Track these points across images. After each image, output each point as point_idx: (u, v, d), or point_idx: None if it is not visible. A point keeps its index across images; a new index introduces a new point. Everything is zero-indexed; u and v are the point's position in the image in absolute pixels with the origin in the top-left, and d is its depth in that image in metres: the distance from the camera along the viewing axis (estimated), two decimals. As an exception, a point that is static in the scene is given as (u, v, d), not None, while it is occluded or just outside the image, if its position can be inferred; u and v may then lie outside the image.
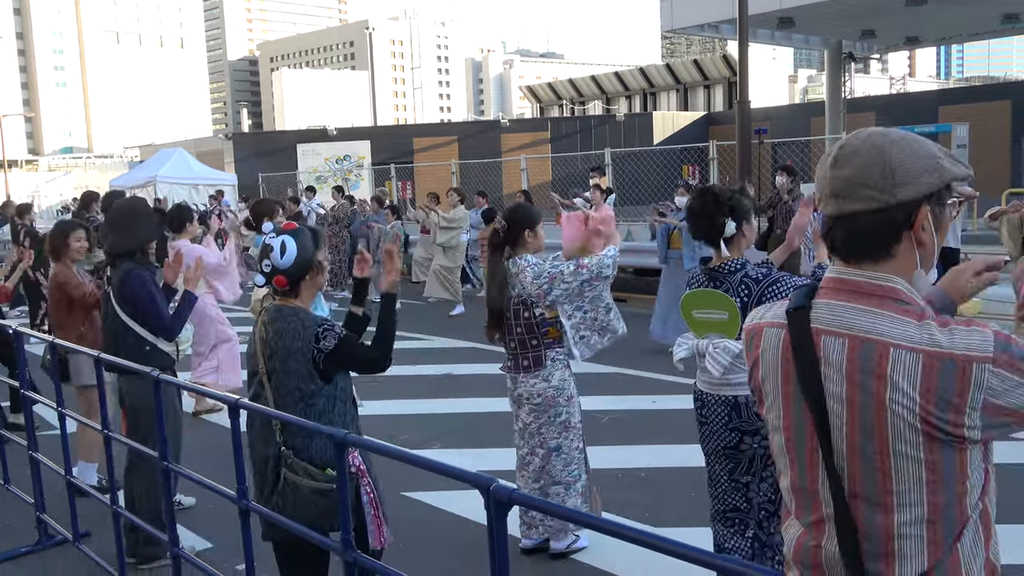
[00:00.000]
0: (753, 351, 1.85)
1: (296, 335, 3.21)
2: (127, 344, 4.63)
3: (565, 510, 3.71)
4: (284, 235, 3.28)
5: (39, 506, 5.02)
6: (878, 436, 1.61)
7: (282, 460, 3.18)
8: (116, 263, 4.73)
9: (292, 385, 3.22)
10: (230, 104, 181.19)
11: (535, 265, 4.53)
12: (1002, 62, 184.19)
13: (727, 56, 48.31)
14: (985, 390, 1.56)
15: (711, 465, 3.74)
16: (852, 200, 1.67)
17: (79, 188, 43.17)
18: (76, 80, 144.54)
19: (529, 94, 61.57)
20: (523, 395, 4.68)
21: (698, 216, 3.74)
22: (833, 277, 1.74)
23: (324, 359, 3.20)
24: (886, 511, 1.63)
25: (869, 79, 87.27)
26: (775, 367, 1.78)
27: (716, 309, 3.61)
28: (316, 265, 3.34)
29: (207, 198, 23.24)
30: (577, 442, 4.69)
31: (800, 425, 1.74)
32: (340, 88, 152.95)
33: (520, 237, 4.62)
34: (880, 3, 21.23)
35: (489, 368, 9.60)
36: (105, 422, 4.16)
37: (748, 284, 3.58)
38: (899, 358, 1.59)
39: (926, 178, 1.66)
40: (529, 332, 4.60)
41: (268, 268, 3.26)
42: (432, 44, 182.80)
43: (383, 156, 28.71)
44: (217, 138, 54.39)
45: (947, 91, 54.84)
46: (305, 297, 3.37)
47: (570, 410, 4.65)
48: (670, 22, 25.02)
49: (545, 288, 4.46)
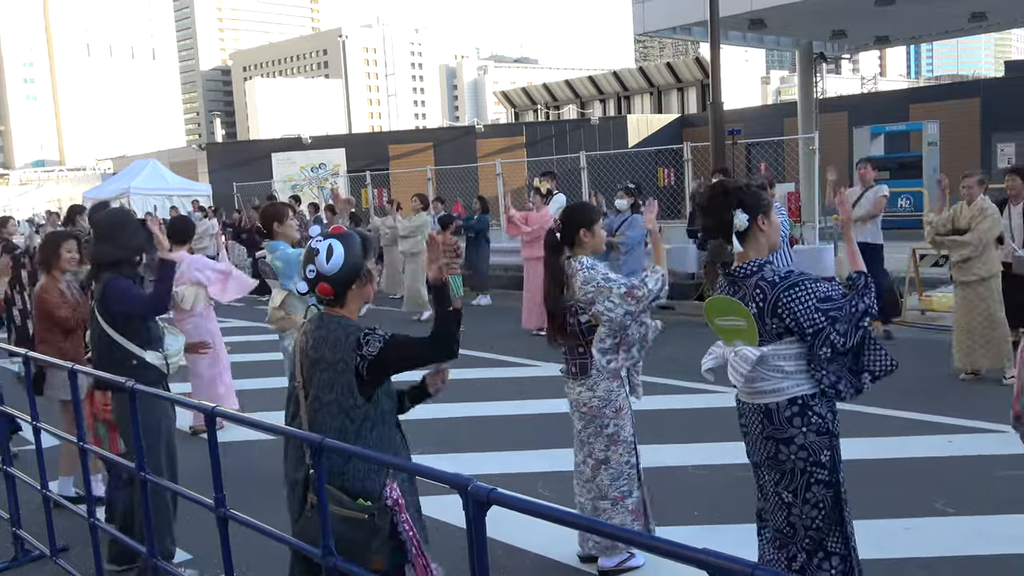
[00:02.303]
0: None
1: (337, 344, 3.00)
2: (113, 359, 4.49)
3: (553, 511, 3.70)
4: (332, 239, 3.03)
5: (15, 521, 4.96)
6: None
7: (309, 483, 2.95)
8: (99, 274, 4.60)
9: (329, 399, 2.99)
10: (203, 114, 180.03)
11: (588, 269, 4.35)
12: (971, 60, 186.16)
13: (700, 59, 48.50)
14: None
15: (760, 476, 3.55)
16: None
17: (52, 201, 42.83)
18: (47, 92, 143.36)
19: (504, 99, 61.57)
20: (573, 402, 4.58)
21: (705, 212, 3.51)
22: None
23: (369, 367, 2.97)
24: None
25: (841, 79, 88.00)
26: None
27: (734, 316, 3.42)
28: (365, 274, 3.11)
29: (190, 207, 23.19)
30: (627, 456, 4.52)
31: None
32: (314, 96, 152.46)
33: (576, 237, 4.46)
34: (850, 3, 21.39)
35: (464, 373, 9.58)
36: (81, 434, 4.12)
37: (763, 288, 3.33)
38: None
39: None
40: (575, 338, 4.46)
41: (312, 274, 3.01)
42: (406, 51, 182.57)
43: (358, 163, 28.60)
44: (191, 148, 54.07)
45: (917, 89, 55.29)
46: (351, 308, 3.12)
47: (619, 423, 4.49)
48: (642, 25, 25.09)
49: (590, 297, 4.31)
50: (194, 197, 25.31)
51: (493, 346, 10.44)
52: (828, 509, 3.41)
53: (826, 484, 3.39)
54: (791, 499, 3.41)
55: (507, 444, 6.85)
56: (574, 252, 4.47)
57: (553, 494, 5.52)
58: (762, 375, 3.36)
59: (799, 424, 3.35)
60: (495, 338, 11.03)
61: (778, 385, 3.37)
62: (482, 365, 9.75)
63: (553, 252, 4.47)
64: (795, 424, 3.35)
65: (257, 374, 9.21)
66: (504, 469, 6.15)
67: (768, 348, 3.36)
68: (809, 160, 17.28)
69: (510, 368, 9.59)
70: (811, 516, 3.40)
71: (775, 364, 3.36)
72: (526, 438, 6.91)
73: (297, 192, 24.72)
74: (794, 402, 3.36)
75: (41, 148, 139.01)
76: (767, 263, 3.41)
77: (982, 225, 7.92)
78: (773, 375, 3.37)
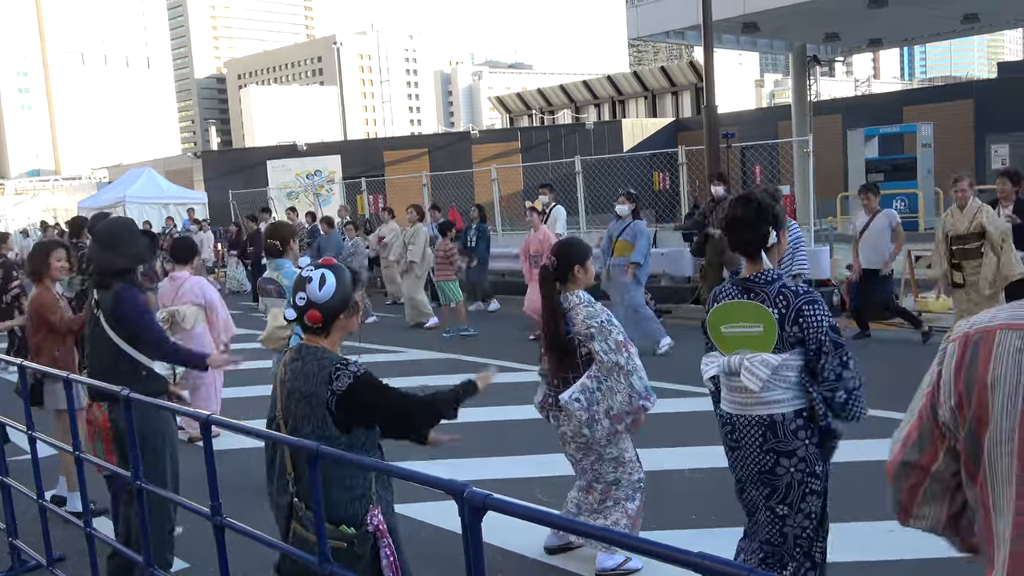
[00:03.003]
0: (979, 353, 1.57)
1: (310, 376, 3.01)
2: (122, 370, 4.42)
3: (549, 516, 3.70)
4: (324, 268, 3.10)
5: (11, 531, 4.95)
6: None
7: (293, 512, 3.01)
8: (104, 284, 4.55)
9: (307, 431, 2.98)
10: (198, 122, 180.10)
11: (589, 305, 4.46)
12: (964, 62, 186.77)
13: (694, 63, 48.65)
14: None
15: (747, 492, 3.56)
16: None
17: (47, 211, 42.79)
18: (41, 102, 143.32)
19: (499, 105, 61.68)
20: (567, 433, 4.61)
21: (741, 226, 3.52)
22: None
23: (336, 402, 2.95)
24: None
25: (835, 82, 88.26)
26: (1015, 373, 1.51)
27: (750, 322, 3.43)
28: (352, 305, 3.16)
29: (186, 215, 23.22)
30: (636, 474, 4.63)
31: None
32: (309, 103, 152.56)
33: (571, 273, 4.53)
34: (842, 6, 21.45)
35: (461, 378, 9.60)
36: (76, 444, 4.11)
37: (786, 295, 3.39)
38: None
39: None
40: (574, 371, 4.51)
41: (303, 301, 3.05)
42: (400, 57, 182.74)
43: (354, 170, 28.63)
44: (186, 156, 54.00)
45: (911, 91, 55.49)
46: (334, 338, 3.15)
47: (620, 447, 4.58)
48: (636, 30, 25.13)
49: (592, 332, 4.37)
50: (190, 205, 25.28)
51: (489, 350, 10.45)
52: (818, 519, 3.49)
53: (818, 494, 3.46)
54: (785, 511, 3.45)
55: (504, 449, 6.85)
56: (567, 287, 4.55)
57: (550, 499, 5.52)
58: (773, 383, 3.39)
59: (803, 436, 3.40)
60: (492, 343, 11.04)
61: (783, 395, 3.41)
62: (479, 370, 9.75)
63: (549, 286, 4.56)
64: (799, 436, 3.40)
65: (252, 382, 9.20)
66: (501, 475, 6.15)
67: (783, 356, 3.40)
68: (803, 163, 17.31)
69: (509, 374, 9.58)
70: (803, 526, 3.44)
71: (784, 374, 3.40)
72: (523, 443, 6.91)
73: (292, 201, 24.70)
74: (800, 413, 3.41)
75: (36, 157, 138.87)
76: (782, 274, 3.52)
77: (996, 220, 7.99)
78: (781, 384, 3.41)
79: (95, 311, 4.57)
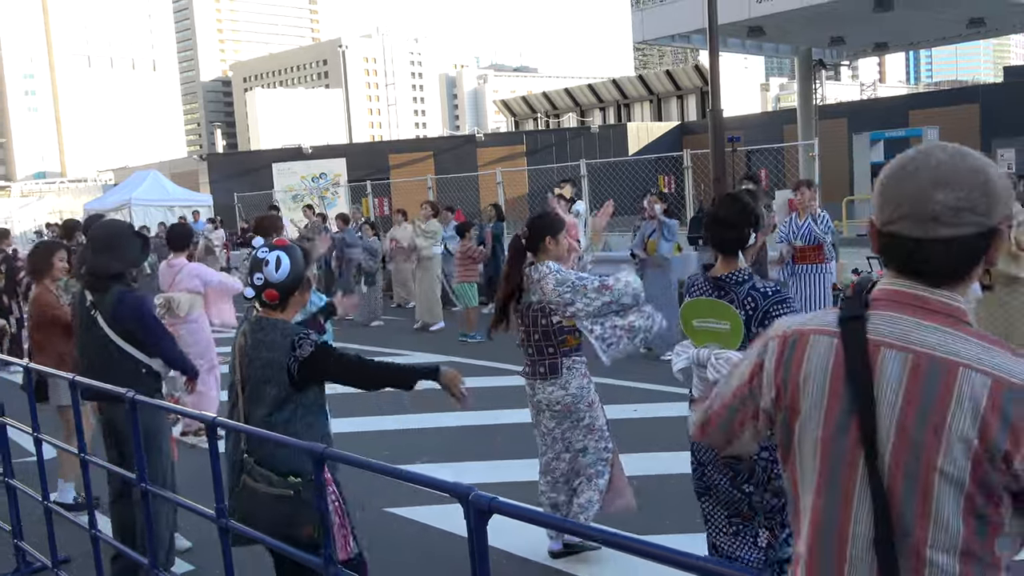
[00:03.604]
0: (795, 355, 1.76)
1: (274, 345, 3.31)
2: (122, 368, 4.47)
3: (556, 520, 3.69)
4: (278, 250, 3.39)
5: (16, 533, 4.95)
6: (927, 455, 1.57)
7: (244, 466, 3.29)
8: (100, 286, 4.58)
9: (264, 393, 3.31)
10: (204, 125, 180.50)
11: (558, 272, 4.53)
12: (970, 66, 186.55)
13: (699, 66, 48.68)
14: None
15: (709, 475, 3.62)
16: (957, 226, 1.60)
17: (53, 213, 42.90)
18: (48, 104, 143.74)
19: (504, 108, 61.77)
20: (542, 401, 4.73)
21: (725, 225, 3.61)
22: (896, 290, 1.69)
23: (299, 367, 3.28)
24: (921, 535, 1.59)
25: (840, 86, 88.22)
26: (822, 376, 1.71)
27: (718, 319, 3.51)
28: (306, 282, 3.47)
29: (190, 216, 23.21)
30: (604, 443, 4.73)
31: (841, 438, 1.68)
32: (314, 106, 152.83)
33: (542, 244, 4.63)
34: (848, 10, 21.46)
35: (471, 382, 9.56)
36: (82, 445, 4.11)
37: (755, 297, 3.48)
38: (967, 379, 1.55)
39: (1008, 201, 1.64)
40: (546, 339, 4.63)
41: (260, 281, 3.35)
42: (405, 61, 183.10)
43: (359, 173, 28.68)
44: (192, 159, 54.18)
45: (917, 95, 55.41)
46: (290, 312, 3.46)
47: (593, 414, 4.70)
48: (641, 33, 25.19)
49: (567, 298, 4.46)
50: (195, 208, 25.34)
51: (496, 354, 10.45)
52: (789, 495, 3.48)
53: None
54: (752, 489, 3.52)
55: (508, 453, 6.84)
56: (538, 258, 4.66)
57: (555, 502, 5.51)
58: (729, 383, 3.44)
59: None
60: (498, 346, 11.03)
61: None
62: (485, 374, 9.76)
63: (518, 255, 4.72)
64: None
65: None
66: (505, 478, 6.15)
67: None
68: (809, 166, 17.30)
69: (514, 377, 9.57)
70: (772, 503, 3.52)
71: None
72: (528, 446, 6.89)
73: (298, 204, 24.74)
74: None
75: (42, 160, 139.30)
76: (753, 274, 3.58)
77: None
78: None
79: (91, 312, 4.59)
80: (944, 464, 1.55)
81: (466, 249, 12.43)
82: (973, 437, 1.53)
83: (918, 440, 1.57)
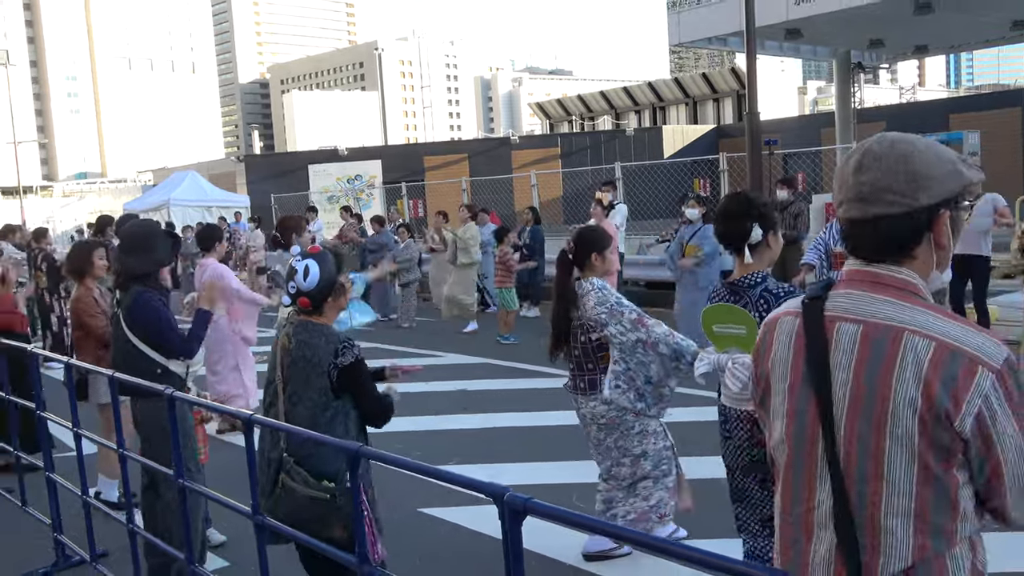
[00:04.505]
0: (767, 340, 1.90)
1: (317, 348, 3.41)
2: (139, 368, 4.52)
3: (590, 520, 3.68)
4: (308, 259, 3.48)
5: (56, 527, 5.03)
6: (876, 418, 1.65)
7: (283, 465, 3.36)
8: (126, 286, 4.66)
9: (305, 395, 3.40)
10: (242, 127, 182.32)
11: (600, 290, 4.51)
12: (1012, 69, 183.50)
13: (736, 69, 48.34)
14: (983, 399, 1.59)
15: (737, 480, 3.62)
16: (877, 204, 1.72)
17: (93, 213, 43.48)
18: (89, 106, 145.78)
19: (539, 111, 61.71)
20: (586, 415, 4.71)
21: (727, 218, 3.66)
22: (853, 269, 1.79)
23: (339, 373, 3.38)
24: (875, 500, 1.66)
25: (878, 89, 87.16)
26: (786, 354, 1.83)
27: (735, 323, 3.52)
28: (339, 287, 3.54)
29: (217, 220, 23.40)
30: (663, 442, 4.68)
31: (803, 412, 1.77)
32: (350, 108, 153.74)
33: (588, 260, 4.61)
34: (888, 12, 21.20)
35: (503, 384, 9.60)
36: (120, 440, 4.16)
37: (767, 298, 3.49)
38: (911, 343, 1.64)
39: (947, 183, 1.72)
40: (585, 355, 4.62)
41: (293, 290, 3.47)
42: (441, 63, 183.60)
43: (394, 175, 28.78)
44: (229, 160, 54.66)
45: (957, 99, 54.66)
46: (328, 316, 3.56)
47: (643, 421, 4.62)
48: (678, 36, 25.05)
49: (603, 319, 4.44)
50: (233, 208, 25.58)
51: (531, 357, 10.43)
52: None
53: None
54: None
55: (541, 454, 6.83)
56: (584, 274, 4.63)
57: (587, 505, 5.49)
58: None
59: None
60: (533, 349, 11.02)
61: None
62: (522, 376, 9.76)
63: (564, 271, 4.67)
64: None
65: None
66: (538, 479, 6.14)
67: None
68: (847, 170, 17.09)
69: (547, 379, 9.58)
70: None
71: None
72: (560, 448, 6.89)
73: (334, 205, 24.91)
74: None
75: (84, 160, 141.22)
76: (768, 276, 3.59)
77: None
78: None
79: (117, 311, 4.71)
80: (892, 426, 1.63)
81: (503, 255, 12.41)
82: (916, 396, 1.61)
83: (868, 404, 1.66)
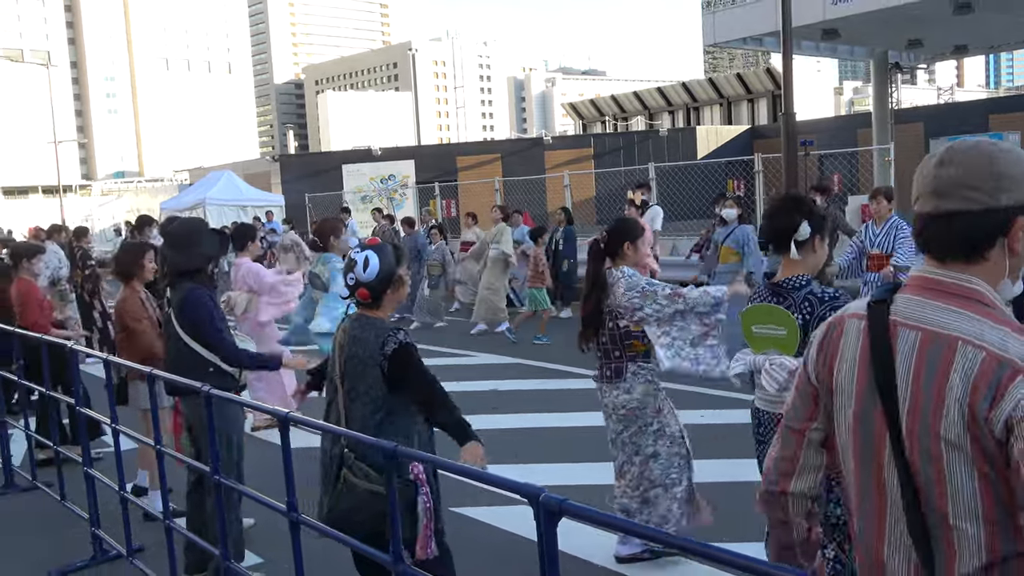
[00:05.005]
0: (833, 340, 1.89)
1: (368, 343, 3.45)
2: (189, 364, 4.55)
3: (625, 522, 3.66)
4: (368, 250, 3.51)
5: (94, 521, 5.10)
6: (933, 425, 1.65)
7: (344, 460, 3.39)
8: (176, 284, 4.69)
9: (361, 390, 3.45)
10: (277, 127, 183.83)
11: (630, 277, 4.55)
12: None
13: (771, 69, 47.97)
14: (1014, 403, 1.56)
15: None
16: (954, 199, 1.70)
17: (131, 211, 44.05)
18: (127, 106, 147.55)
19: (572, 111, 61.62)
20: (608, 405, 4.74)
21: (774, 215, 3.64)
22: (919, 275, 1.78)
23: (388, 363, 3.41)
24: (942, 503, 1.66)
25: (916, 90, 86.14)
26: (853, 356, 1.82)
27: (776, 325, 3.50)
28: (397, 279, 3.57)
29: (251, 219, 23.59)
30: (677, 448, 4.68)
31: (869, 415, 1.77)
32: (384, 109, 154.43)
33: (620, 249, 4.65)
34: (926, 12, 20.91)
35: (535, 384, 9.60)
36: (157, 436, 4.21)
37: (812, 301, 3.46)
38: (964, 353, 1.63)
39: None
40: (613, 343, 4.65)
41: (352, 281, 3.49)
42: (474, 63, 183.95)
43: (427, 175, 28.88)
44: (264, 160, 55.15)
45: (996, 100, 53.83)
46: (386, 309, 3.60)
47: (662, 420, 4.65)
48: (712, 36, 24.90)
49: (636, 303, 4.47)
50: (268, 208, 25.78)
51: (564, 357, 10.41)
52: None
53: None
54: None
55: (574, 455, 6.82)
56: (615, 263, 4.67)
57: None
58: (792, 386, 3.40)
59: None
60: (566, 349, 11.01)
61: None
62: (554, 376, 9.75)
63: (596, 261, 4.70)
64: None
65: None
66: (569, 480, 6.13)
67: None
68: (884, 172, 16.94)
69: (579, 380, 9.57)
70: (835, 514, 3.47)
71: None
72: (592, 449, 6.87)
73: (368, 205, 25.05)
74: None
75: (121, 160, 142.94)
76: (812, 280, 3.56)
77: None
78: None
79: (167, 309, 4.75)
80: (945, 432, 1.63)
81: (536, 256, 12.39)
82: (965, 405, 1.60)
83: (925, 410, 1.66)
